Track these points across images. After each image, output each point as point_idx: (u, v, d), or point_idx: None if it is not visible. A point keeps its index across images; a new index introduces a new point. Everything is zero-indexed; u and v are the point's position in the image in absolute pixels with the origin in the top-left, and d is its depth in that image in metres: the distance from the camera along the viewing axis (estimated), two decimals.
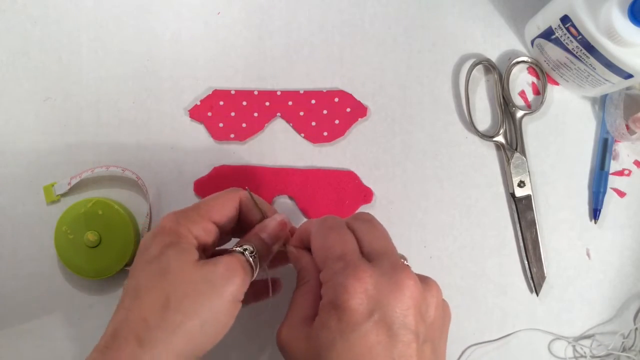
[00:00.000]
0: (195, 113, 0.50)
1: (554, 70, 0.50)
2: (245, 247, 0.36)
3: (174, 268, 0.33)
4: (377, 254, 0.33)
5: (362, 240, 0.34)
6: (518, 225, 0.49)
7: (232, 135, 0.50)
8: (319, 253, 0.35)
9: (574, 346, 0.49)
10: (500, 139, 0.50)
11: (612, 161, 0.50)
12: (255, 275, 0.36)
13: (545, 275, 0.49)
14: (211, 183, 0.50)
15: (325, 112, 0.50)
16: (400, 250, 0.37)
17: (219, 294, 0.33)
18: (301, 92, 0.50)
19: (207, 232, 0.37)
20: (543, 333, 0.49)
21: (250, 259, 0.36)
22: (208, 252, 0.37)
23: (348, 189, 0.49)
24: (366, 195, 0.49)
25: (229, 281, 0.33)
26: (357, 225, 0.35)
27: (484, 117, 0.51)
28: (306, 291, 0.36)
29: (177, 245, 0.35)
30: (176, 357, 0.32)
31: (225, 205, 0.38)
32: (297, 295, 0.36)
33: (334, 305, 0.31)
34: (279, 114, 0.50)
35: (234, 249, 0.36)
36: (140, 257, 0.35)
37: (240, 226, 0.40)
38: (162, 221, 0.36)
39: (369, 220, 0.36)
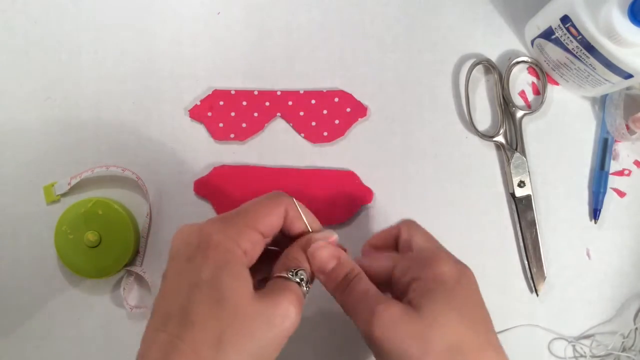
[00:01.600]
0: (195, 113, 0.50)
1: (554, 70, 0.50)
2: (301, 276, 0.34)
3: (231, 299, 0.31)
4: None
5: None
6: (518, 225, 0.49)
7: (232, 135, 0.50)
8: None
9: (574, 346, 0.49)
10: (500, 139, 0.50)
11: (612, 161, 0.50)
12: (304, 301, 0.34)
13: (545, 275, 0.49)
14: (211, 183, 0.50)
15: (325, 112, 0.50)
16: None
17: (275, 332, 0.32)
18: (301, 92, 0.50)
19: (253, 244, 0.34)
20: (543, 332, 0.49)
21: (305, 289, 0.34)
22: (254, 263, 0.35)
23: (348, 189, 0.49)
24: (366, 195, 0.49)
25: (286, 319, 0.32)
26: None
27: (484, 117, 0.51)
28: (363, 279, 0.36)
29: (230, 268, 0.32)
30: None
31: (272, 214, 0.36)
32: (358, 284, 0.36)
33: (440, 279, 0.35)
34: (279, 114, 0.50)
35: (290, 277, 0.34)
36: (184, 270, 0.32)
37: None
38: (206, 228, 0.33)
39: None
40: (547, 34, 0.46)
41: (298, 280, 0.34)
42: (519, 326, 0.49)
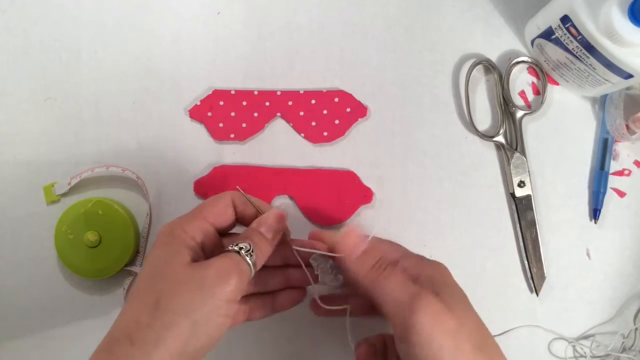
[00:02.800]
0: (195, 113, 0.50)
1: (554, 70, 0.50)
2: (240, 245, 0.36)
3: (164, 269, 0.34)
4: None
5: None
6: (518, 225, 0.49)
7: (232, 135, 0.50)
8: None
9: (574, 346, 0.49)
10: (500, 139, 0.50)
11: (612, 161, 0.50)
12: (253, 273, 0.36)
13: (545, 275, 0.49)
14: (211, 183, 0.50)
15: (325, 112, 0.50)
16: None
17: (210, 295, 0.33)
18: (301, 92, 0.50)
19: (203, 231, 0.37)
20: (544, 332, 0.49)
21: (247, 258, 0.36)
22: (208, 251, 0.37)
23: (348, 189, 0.49)
24: (366, 195, 0.49)
25: (221, 282, 0.34)
26: None
27: (484, 117, 0.51)
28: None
29: (170, 247, 0.35)
30: (170, 356, 0.32)
31: (217, 204, 0.39)
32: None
33: (444, 273, 0.39)
34: (279, 114, 0.50)
35: (229, 248, 0.36)
36: (145, 260, 0.37)
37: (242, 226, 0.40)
38: (161, 228, 0.37)
39: None
40: (547, 34, 0.46)
41: (237, 249, 0.36)
42: (519, 327, 0.49)
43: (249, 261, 0.36)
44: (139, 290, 0.34)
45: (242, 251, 0.36)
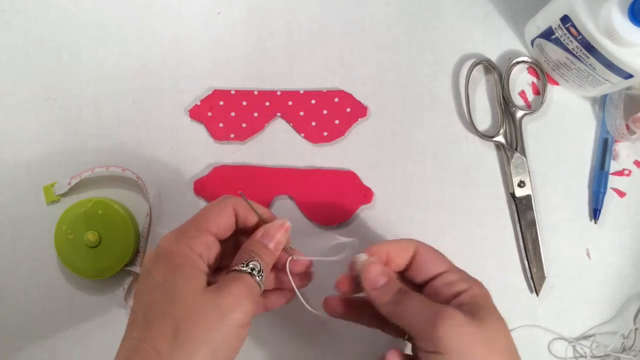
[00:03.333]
0: (195, 113, 0.50)
1: (554, 70, 0.50)
2: (252, 265, 0.35)
3: (183, 295, 0.33)
4: None
5: None
6: (518, 225, 0.49)
7: (232, 135, 0.50)
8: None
9: (574, 346, 0.49)
10: (500, 139, 0.50)
11: (612, 161, 0.50)
12: (262, 290, 0.36)
13: (545, 275, 0.49)
14: (211, 183, 0.50)
15: (325, 112, 0.50)
16: None
17: (228, 322, 0.33)
18: (301, 92, 0.50)
19: (208, 246, 0.36)
20: (544, 332, 0.49)
21: (258, 279, 0.35)
22: (212, 265, 0.37)
23: (348, 189, 0.49)
24: (366, 195, 0.49)
25: (237, 309, 0.33)
26: None
27: (484, 117, 0.51)
28: None
29: (183, 269, 0.34)
30: None
31: (221, 215, 0.38)
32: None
33: (487, 297, 0.37)
34: (279, 114, 0.50)
35: (241, 268, 0.35)
36: (145, 282, 0.35)
37: (240, 231, 0.40)
38: (161, 243, 0.36)
39: None
40: (547, 34, 0.46)
41: (249, 270, 0.35)
42: (519, 327, 0.49)
43: (260, 282, 0.35)
44: (155, 316, 0.33)
45: (254, 272, 0.35)
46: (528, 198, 0.49)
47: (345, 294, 0.40)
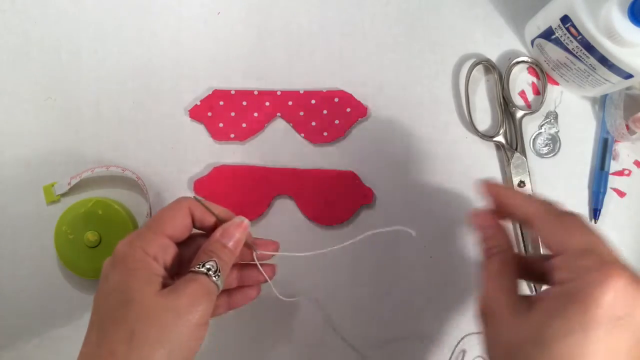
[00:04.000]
0: (195, 113, 0.50)
1: (554, 70, 0.50)
2: (208, 265, 0.35)
3: (138, 298, 0.33)
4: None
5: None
6: (518, 225, 0.49)
7: (232, 135, 0.50)
8: (557, 238, 0.33)
9: None
10: (500, 139, 0.50)
11: (612, 161, 0.50)
12: (220, 289, 0.36)
13: None
14: (211, 183, 0.50)
15: (325, 112, 0.50)
16: None
17: (183, 322, 0.33)
18: (301, 92, 0.50)
19: (163, 248, 0.36)
20: None
21: (215, 278, 0.35)
22: (170, 267, 0.37)
23: (348, 189, 0.49)
24: (366, 195, 0.49)
25: (193, 309, 0.33)
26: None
27: (484, 117, 0.51)
28: (505, 262, 0.35)
29: (137, 273, 0.34)
30: None
31: (176, 216, 0.37)
32: (496, 262, 0.35)
33: (581, 298, 0.29)
34: (279, 114, 0.50)
35: (197, 269, 0.35)
36: (102, 288, 0.35)
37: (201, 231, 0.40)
38: (117, 247, 0.36)
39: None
40: (547, 34, 0.46)
41: (205, 270, 0.35)
42: None
43: (217, 282, 0.35)
44: (111, 321, 0.33)
45: (210, 272, 0.35)
46: None
47: (484, 225, 0.37)
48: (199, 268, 0.35)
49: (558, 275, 0.31)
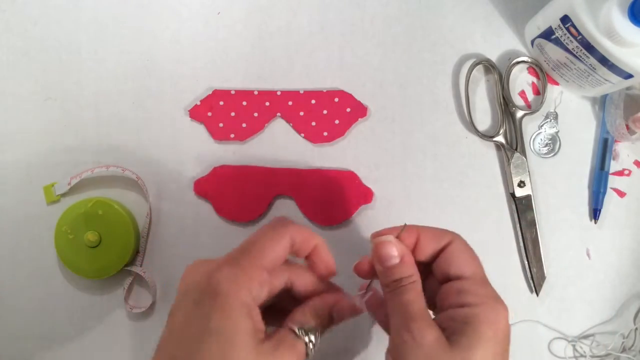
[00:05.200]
0: (195, 113, 0.50)
1: (554, 70, 0.50)
2: (312, 337, 0.33)
3: (235, 351, 0.30)
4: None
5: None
6: (518, 225, 0.49)
7: (232, 135, 0.50)
8: (459, 264, 0.36)
9: (574, 345, 0.49)
10: (500, 139, 0.50)
11: (612, 161, 0.50)
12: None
13: (545, 275, 0.49)
14: (211, 183, 0.50)
15: (325, 112, 0.50)
16: None
17: None
18: (301, 92, 0.50)
19: (262, 286, 0.33)
20: (544, 332, 0.49)
21: (311, 350, 0.33)
22: (261, 301, 0.34)
23: (348, 189, 0.49)
24: (366, 195, 0.49)
25: None
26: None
27: (484, 117, 0.51)
28: (420, 292, 0.35)
29: (238, 319, 0.31)
30: None
31: (277, 249, 0.34)
32: (413, 293, 0.35)
33: (492, 319, 0.33)
34: (279, 113, 0.50)
35: (301, 335, 0.33)
36: (192, 316, 0.31)
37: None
38: (216, 275, 0.32)
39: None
40: (547, 34, 0.46)
41: (307, 340, 0.33)
42: (520, 325, 0.49)
43: (310, 353, 0.33)
44: (194, 352, 0.30)
45: (310, 345, 0.33)
46: (528, 198, 0.49)
47: (363, 276, 0.38)
48: (302, 334, 0.33)
49: (464, 298, 0.34)
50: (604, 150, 0.50)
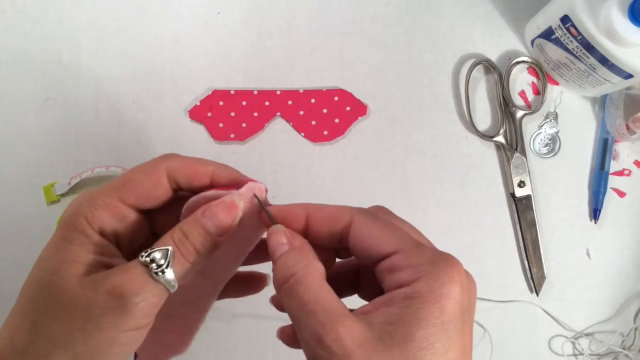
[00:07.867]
0: (195, 113, 0.50)
1: (554, 70, 0.50)
2: (154, 255, 0.27)
3: (50, 281, 0.27)
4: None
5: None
6: (518, 225, 0.49)
7: (232, 135, 0.50)
8: (383, 238, 0.27)
9: (573, 343, 0.49)
10: (500, 139, 0.50)
11: (612, 161, 0.50)
12: (172, 290, 0.27)
13: (545, 275, 0.49)
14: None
15: (325, 111, 0.50)
16: None
17: (96, 326, 0.26)
18: (301, 91, 0.50)
19: (120, 219, 0.29)
20: (544, 331, 0.49)
21: (157, 276, 0.26)
22: (126, 243, 0.30)
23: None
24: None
25: (113, 312, 0.26)
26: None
27: (484, 117, 0.51)
28: (322, 276, 0.27)
29: (64, 245, 0.28)
30: None
31: (145, 182, 0.30)
32: (316, 276, 0.27)
33: (434, 298, 0.25)
34: (278, 113, 0.50)
35: (139, 257, 0.27)
36: (40, 255, 0.29)
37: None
38: (69, 205, 0.29)
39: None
40: (547, 34, 0.46)
41: (146, 261, 0.26)
42: (520, 324, 0.49)
43: (160, 279, 0.26)
44: (20, 300, 0.28)
45: (153, 265, 0.26)
46: (528, 198, 0.49)
47: (289, 344, 0.29)
48: (142, 257, 0.27)
49: (399, 277, 0.26)
50: (604, 150, 0.50)
